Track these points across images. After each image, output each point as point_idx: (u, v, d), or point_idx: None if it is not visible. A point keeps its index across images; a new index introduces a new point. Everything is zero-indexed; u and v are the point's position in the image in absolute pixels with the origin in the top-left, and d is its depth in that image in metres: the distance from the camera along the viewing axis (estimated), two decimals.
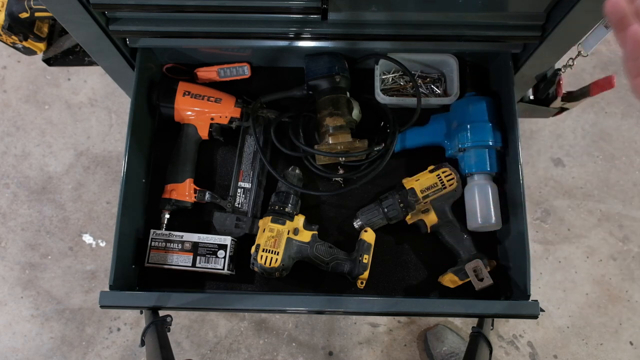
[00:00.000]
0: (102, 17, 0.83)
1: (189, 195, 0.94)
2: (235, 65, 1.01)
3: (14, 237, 1.43)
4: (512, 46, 0.91)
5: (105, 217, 1.44)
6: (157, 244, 0.91)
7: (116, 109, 1.53)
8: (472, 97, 0.96)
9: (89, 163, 1.48)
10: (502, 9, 0.83)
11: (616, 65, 1.58)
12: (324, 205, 0.98)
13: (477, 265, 0.86)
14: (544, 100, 1.04)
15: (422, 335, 1.35)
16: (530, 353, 1.36)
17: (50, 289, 1.40)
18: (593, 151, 1.51)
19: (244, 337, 1.36)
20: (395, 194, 0.92)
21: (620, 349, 1.36)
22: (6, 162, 1.49)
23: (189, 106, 0.96)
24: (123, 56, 0.91)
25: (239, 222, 0.93)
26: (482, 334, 0.92)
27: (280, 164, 0.99)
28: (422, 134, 0.98)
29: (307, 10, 0.80)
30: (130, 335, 1.37)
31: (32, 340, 1.36)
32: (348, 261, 0.88)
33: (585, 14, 0.75)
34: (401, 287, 0.93)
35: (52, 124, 1.52)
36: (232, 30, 0.87)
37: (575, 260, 1.42)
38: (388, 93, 1.01)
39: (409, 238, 0.95)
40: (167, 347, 0.86)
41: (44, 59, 1.50)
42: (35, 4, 1.30)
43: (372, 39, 0.89)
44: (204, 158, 1.00)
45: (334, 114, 0.91)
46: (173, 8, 0.81)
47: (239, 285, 0.93)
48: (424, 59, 0.99)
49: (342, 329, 1.37)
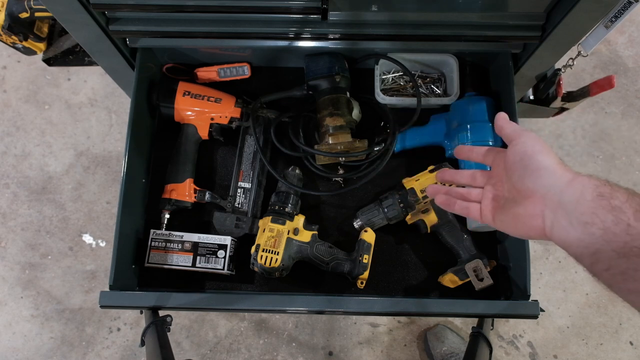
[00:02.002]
0: (102, 17, 0.83)
1: (189, 195, 0.94)
2: (235, 65, 1.01)
3: (14, 237, 1.43)
4: (512, 46, 0.91)
5: (105, 217, 1.44)
6: (157, 244, 0.91)
7: (116, 109, 1.53)
8: (472, 97, 0.96)
9: (89, 163, 1.48)
10: (502, 9, 0.83)
11: (616, 65, 1.58)
12: (324, 205, 0.98)
13: (477, 265, 0.86)
14: (544, 100, 1.04)
15: (422, 335, 1.35)
16: (530, 353, 1.36)
17: (50, 289, 1.40)
18: (593, 151, 1.51)
19: (244, 337, 1.36)
20: (395, 194, 0.92)
21: (620, 349, 1.36)
22: (6, 162, 1.49)
23: (189, 106, 0.96)
24: (123, 56, 0.91)
25: (239, 222, 0.93)
26: (482, 334, 0.92)
27: (280, 164, 0.99)
28: (422, 134, 0.98)
29: (307, 10, 0.80)
30: (130, 335, 1.37)
31: (32, 340, 1.36)
32: (348, 261, 0.88)
33: (585, 14, 0.75)
34: (401, 287, 0.93)
35: (52, 124, 1.52)
36: (232, 30, 0.87)
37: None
38: (388, 93, 1.01)
39: (409, 238, 0.95)
40: (167, 347, 0.86)
41: (44, 59, 1.50)
42: (35, 4, 1.31)
43: (372, 39, 0.89)
44: (204, 158, 1.00)
45: (334, 114, 0.91)
46: (173, 8, 0.81)
47: (239, 285, 0.93)
48: (424, 59, 0.99)
49: (342, 329, 1.37)
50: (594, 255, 0.43)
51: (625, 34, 1.61)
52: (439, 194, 0.62)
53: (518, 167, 0.52)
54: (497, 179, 0.57)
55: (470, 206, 0.58)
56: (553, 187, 0.48)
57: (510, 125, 0.55)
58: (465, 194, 0.60)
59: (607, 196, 0.44)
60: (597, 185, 0.45)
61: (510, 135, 0.54)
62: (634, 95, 1.56)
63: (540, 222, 0.49)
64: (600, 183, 0.45)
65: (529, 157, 0.51)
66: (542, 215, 0.49)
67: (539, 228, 0.50)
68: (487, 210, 0.57)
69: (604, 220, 0.43)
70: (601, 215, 0.43)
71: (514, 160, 0.52)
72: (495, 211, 0.56)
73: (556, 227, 0.47)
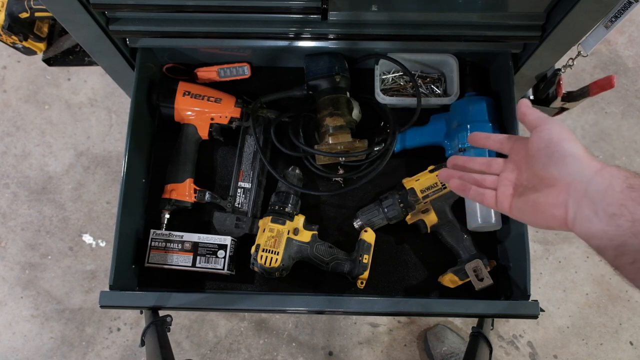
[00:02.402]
0: (102, 17, 0.83)
1: (189, 195, 0.94)
2: (235, 65, 1.01)
3: (14, 237, 1.43)
4: (512, 46, 0.91)
5: (105, 217, 1.44)
6: (157, 244, 0.91)
7: (116, 109, 1.53)
8: (472, 97, 0.96)
9: (89, 163, 1.48)
10: (502, 9, 0.83)
11: (616, 65, 1.58)
12: (324, 205, 0.98)
13: (477, 265, 0.86)
14: (544, 100, 1.04)
15: (422, 335, 1.35)
16: (530, 353, 1.36)
17: (50, 289, 1.40)
18: (593, 151, 1.51)
19: (244, 337, 1.36)
20: (395, 194, 0.92)
21: (620, 349, 1.36)
22: (6, 162, 1.49)
23: (189, 106, 0.96)
24: (123, 56, 0.91)
25: (239, 222, 0.93)
26: (482, 334, 0.92)
27: (280, 164, 0.99)
28: (422, 134, 0.98)
29: (307, 10, 0.80)
30: (130, 335, 1.37)
31: (32, 340, 1.36)
32: (348, 261, 0.88)
33: (585, 14, 0.75)
34: (401, 287, 0.93)
35: (52, 124, 1.52)
36: (232, 30, 0.87)
37: (575, 260, 1.42)
38: (388, 93, 1.01)
39: (409, 238, 0.95)
40: (167, 347, 0.86)
41: (44, 59, 1.50)
42: (35, 4, 1.31)
43: (372, 39, 0.89)
44: (204, 158, 1.00)
45: (334, 114, 0.91)
46: (173, 8, 0.81)
47: (239, 285, 0.93)
48: (424, 59, 0.99)
49: (342, 329, 1.37)
50: (619, 247, 0.42)
51: (625, 34, 1.61)
52: (452, 178, 0.60)
53: (543, 154, 0.50)
54: (515, 167, 0.56)
55: (485, 193, 0.57)
56: (579, 175, 0.47)
57: (535, 111, 0.53)
58: (481, 180, 0.58)
59: (637, 188, 0.43)
60: (627, 176, 0.44)
61: (535, 122, 0.53)
62: (634, 95, 1.56)
63: (563, 211, 0.48)
64: (630, 175, 0.44)
65: (555, 144, 0.49)
66: (564, 204, 0.48)
67: (560, 218, 0.48)
68: (503, 197, 0.55)
69: (633, 213, 0.42)
70: (630, 207, 0.42)
71: (539, 147, 0.51)
72: (512, 199, 0.54)
73: (579, 217, 0.46)
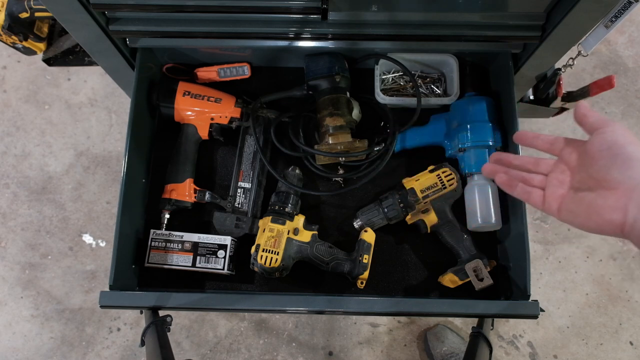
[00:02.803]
0: (102, 17, 0.83)
1: (189, 195, 0.94)
2: (235, 65, 1.01)
3: (14, 237, 1.43)
4: (512, 46, 0.91)
5: (105, 217, 1.44)
6: (157, 244, 0.91)
7: (116, 109, 1.53)
8: (472, 97, 0.96)
9: (89, 163, 1.48)
10: (502, 9, 0.83)
11: (616, 65, 1.58)
12: (324, 205, 0.98)
13: (477, 265, 0.86)
14: (544, 100, 1.04)
15: (422, 335, 1.35)
16: (530, 353, 1.36)
17: (50, 289, 1.40)
18: None
19: (244, 337, 1.36)
20: (395, 194, 0.92)
21: (620, 349, 1.36)
22: (6, 162, 1.49)
23: (189, 106, 0.96)
24: (123, 56, 0.91)
25: (239, 222, 0.93)
26: (482, 334, 0.92)
27: (280, 164, 0.99)
28: (422, 134, 0.98)
29: (307, 10, 0.80)
30: (130, 335, 1.37)
31: (32, 340, 1.36)
32: (348, 261, 0.88)
33: (585, 14, 0.75)
34: (401, 287, 0.93)
35: (52, 124, 1.52)
36: (232, 30, 0.87)
37: (575, 260, 1.42)
38: (388, 93, 1.01)
39: (409, 238, 0.95)
40: (167, 347, 0.86)
41: (44, 59, 1.50)
42: (35, 4, 1.30)
43: (372, 39, 0.89)
44: (204, 158, 1.00)
45: (334, 114, 0.91)
46: (173, 8, 0.81)
47: (239, 285, 0.93)
48: (424, 59, 0.99)
49: (342, 329, 1.37)
50: None
51: (625, 34, 1.61)
52: (498, 173, 0.59)
53: (605, 155, 0.49)
54: (567, 168, 0.55)
55: (532, 191, 0.56)
56: None
57: (595, 113, 0.53)
58: (528, 178, 0.57)
59: None
60: None
61: (596, 124, 0.51)
62: (634, 95, 1.56)
63: (621, 216, 0.47)
64: None
65: (620, 146, 0.48)
66: (624, 208, 0.47)
67: (617, 222, 0.47)
68: (552, 198, 0.54)
69: None
70: None
71: (600, 149, 0.49)
72: (562, 200, 0.53)
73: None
